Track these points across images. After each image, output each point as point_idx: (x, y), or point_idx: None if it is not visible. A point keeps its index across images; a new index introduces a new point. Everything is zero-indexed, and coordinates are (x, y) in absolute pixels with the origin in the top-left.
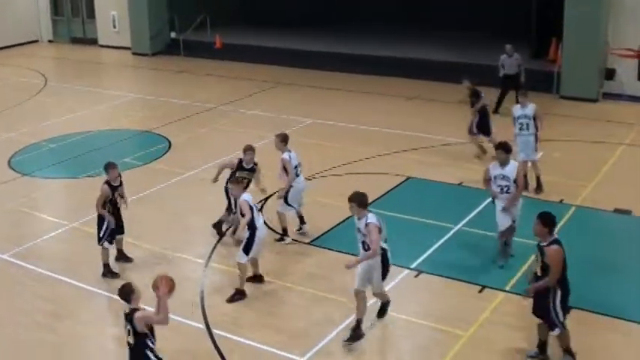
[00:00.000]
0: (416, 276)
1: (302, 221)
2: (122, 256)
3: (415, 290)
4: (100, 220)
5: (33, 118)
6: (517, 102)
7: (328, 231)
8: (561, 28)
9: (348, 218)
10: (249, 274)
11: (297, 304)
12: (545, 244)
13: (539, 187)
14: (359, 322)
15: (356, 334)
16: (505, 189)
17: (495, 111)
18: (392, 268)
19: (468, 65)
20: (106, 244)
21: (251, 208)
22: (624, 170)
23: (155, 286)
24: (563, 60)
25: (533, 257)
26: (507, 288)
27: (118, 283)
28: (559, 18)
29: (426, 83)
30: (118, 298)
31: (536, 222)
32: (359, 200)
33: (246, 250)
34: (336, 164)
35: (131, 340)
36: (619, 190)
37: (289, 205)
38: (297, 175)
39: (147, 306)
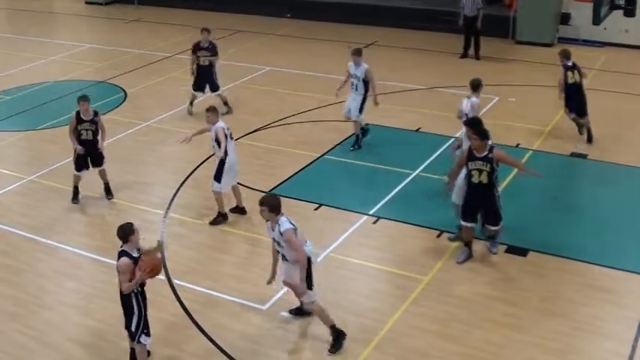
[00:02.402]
0: (374, 222)
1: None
2: (106, 190)
3: (374, 236)
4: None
5: None
6: (475, 53)
7: (287, 179)
8: None
9: (307, 165)
10: (233, 205)
11: (259, 252)
12: (486, 152)
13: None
14: (332, 328)
15: (337, 341)
16: None
17: (464, 56)
18: (350, 215)
19: (422, 11)
20: (74, 170)
21: (225, 136)
22: None
23: (139, 268)
24: (518, 5)
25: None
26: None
27: (77, 236)
28: None
29: (382, 29)
30: (81, 251)
31: (473, 138)
32: (271, 204)
33: (218, 177)
34: (294, 112)
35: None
36: (575, 134)
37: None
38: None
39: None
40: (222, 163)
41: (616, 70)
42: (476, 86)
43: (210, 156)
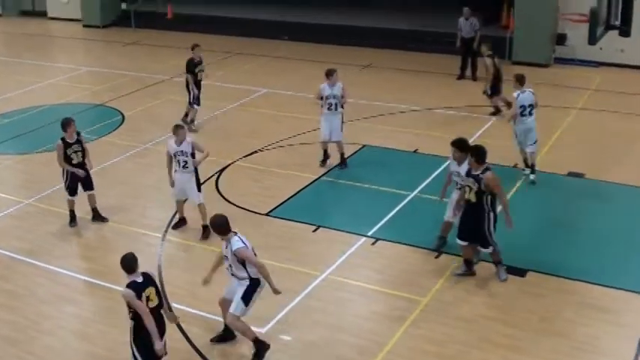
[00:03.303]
0: (373, 243)
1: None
2: (96, 215)
3: (373, 257)
4: (63, 173)
5: None
6: (472, 74)
7: (286, 201)
8: None
9: (305, 187)
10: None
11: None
12: (479, 172)
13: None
14: (254, 341)
15: (259, 353)
16: None
17: (461, 77)
18: (349, 236)
19: (421, 33)
20: (67, 195)
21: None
22: (577, 134)
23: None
24: (515, 26)
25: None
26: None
27: (75, 260)
28: None
29: (379, 51)
30: (80, 275)
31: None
32: (219, 226)
33: (199, 188)
34: (291, 134)
35: (155, 302)
36: (572, 153)
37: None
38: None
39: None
40: (197, 172)
41: (612, 89)
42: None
43: (209, 178)
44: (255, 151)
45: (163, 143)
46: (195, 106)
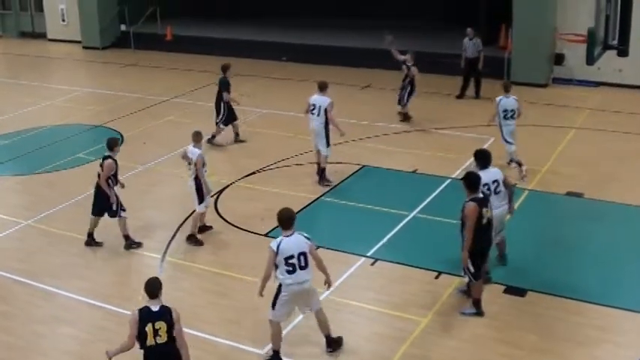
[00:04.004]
0: (372, 264)
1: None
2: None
3: (372, 278)
4: (104, 196)
5: None
6: (476, 92)
7: None
8: (510, 14)
9: (305, 207)
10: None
11: (255, 296)
12: (465, 200)
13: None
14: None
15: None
16: None
17: (461, 96)
18: (348, 257)
19: (420, 54)
20: (123, 213)
21: None
22: (575, 154)
23: None
24: (513, 46)
25: None
26: (463, 273)
27: (74, 280)
28: (508, 4)
29: (378, 72)
30: (77, 296)
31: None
32: (288, 219)
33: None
34: (291, 154)
35: (163, 339)
36: (571, 173)
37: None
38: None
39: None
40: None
41: (610, 109)
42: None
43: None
44: (255, 172)
45: (162, 164)
46: (222, 125)
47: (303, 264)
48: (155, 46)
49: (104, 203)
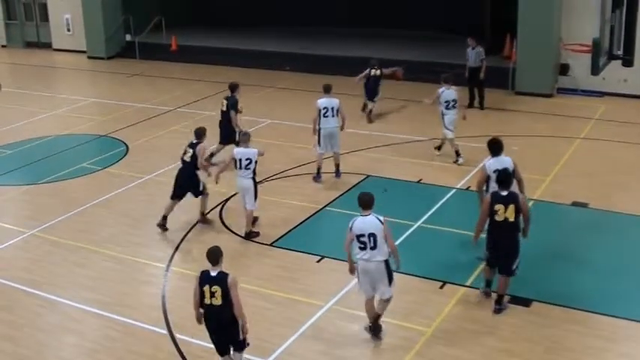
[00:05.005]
0: None
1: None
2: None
3: None
4: (193, 179)
5: None
6: (480, 103)
7: (289, 231)
8: (515, 25)
9: (309, 217)
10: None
11: (261, 305)
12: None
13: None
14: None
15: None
16: None
17: (470, 105)
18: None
19: (426, 64)
20: (206, 191)
21: None
22: (580, 164)
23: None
24: (517, 56)
25: None
26: (468, 283)
27: (79, 290)
28: (513, 14)
29: (383, 81)
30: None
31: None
32: (368, 201)
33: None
34: (296, 164)
35: (218, 301)
36: (576, 183)
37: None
38: None
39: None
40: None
41: (615, 119)
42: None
43: (213, 208)
44: (259, 182)
45: (167, 174)
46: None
47: (372, 244)
48: (160, 55)
49: (190, 186)
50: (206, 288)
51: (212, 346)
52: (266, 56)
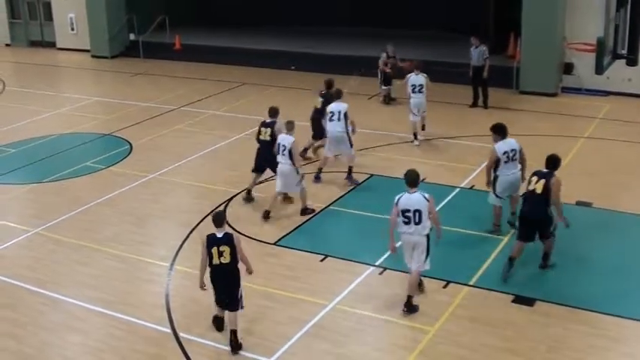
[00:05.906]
0: (381, 273)
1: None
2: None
3: (381, 287)
4: (270, 154)
5: None
6: (484, 102)
7: (293, 230)
8: (519, 24)
9: (313, 216)
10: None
11: (264, 304)
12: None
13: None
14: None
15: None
16: None
17: (474, 105)
18: (357, 266)
19: (432, 63)
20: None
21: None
22: (584, 163)
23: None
24: (521, 55)
25: None
26: (472, 282)
27: (83, 288)
28: (517, 13)
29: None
30: (86, 304)
31: None
32: (415, 179)
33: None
34: (302, 163)
35: (227, 259)
36: (580, 182)
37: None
38: None
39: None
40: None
41: (620, 118)
42: None
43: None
44: (263, 181)
45: (171, 172)
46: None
47: (417, 220)
48: (164, 54)
49: (268, 160)
50: (214, 249)
51: (215, 344)
52: (270, 55)
